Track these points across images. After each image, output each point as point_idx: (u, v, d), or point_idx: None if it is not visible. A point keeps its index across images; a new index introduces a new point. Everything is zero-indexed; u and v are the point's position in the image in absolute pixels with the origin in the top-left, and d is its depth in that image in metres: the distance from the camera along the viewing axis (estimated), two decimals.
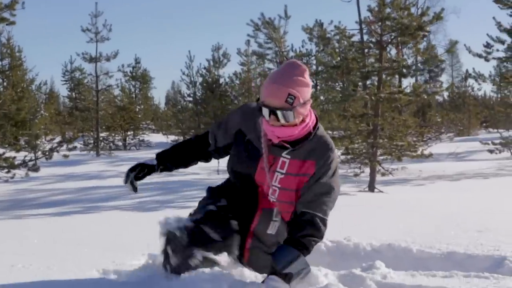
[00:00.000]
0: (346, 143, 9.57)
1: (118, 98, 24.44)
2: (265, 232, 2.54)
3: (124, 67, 25.18)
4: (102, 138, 20.39)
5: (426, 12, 8.98)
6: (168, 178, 8.84)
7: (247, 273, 2.51)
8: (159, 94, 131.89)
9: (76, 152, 11.84)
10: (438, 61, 12.24)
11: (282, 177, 2.45)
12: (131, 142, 22.52)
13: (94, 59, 19.13)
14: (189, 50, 26.73)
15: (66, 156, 9.96)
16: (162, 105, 46.10)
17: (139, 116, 24.01)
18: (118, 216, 5.50)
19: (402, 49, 12.15)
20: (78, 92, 30.35)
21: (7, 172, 8.18)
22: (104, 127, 21.28)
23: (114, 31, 22.43)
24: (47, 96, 31.78)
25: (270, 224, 2.54)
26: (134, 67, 30.49)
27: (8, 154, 8.29)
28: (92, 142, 19.54)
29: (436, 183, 8.98)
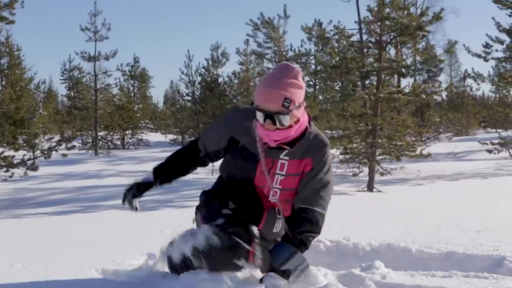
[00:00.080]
0: (345, 143, 9.56)
1: (117, 97, 24.44)
2: (271, 231, 2.58)
3: (122, 66, 25.38)
4: (100, 137, 20.35)
5: (426, 12, 8.96)
6: None
7: (247, 272, 2.50)
8: (158, 93, 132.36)
9: (74, 151, 11.84)
10: (437, 61, 12.25)
11: (283, 178, 2.48)
12: (130, 141, 22.50)
13: (92, 58, 19.07)
14: (188, 49, 26.87)
15: (64, 155, 9.98)
16: (160, 104, 46.23)
17: (138, 115, 23.99)
18: (117, 215, 5.47)
19: (401, 49, 12.15)
20: (77, 91, 30.27)
21: (6, 171, 8.16)
22: (102, 126, 21.28)
23: (113, 30, 22.50)
24: (46, 95, 31.65)
25: (275, 222, 2.58)
26: (132, 66, 30.53)
27: (6, 153, 8.27)
28: (90, 141, 19.50)
29: (434, 183, 8.96)
